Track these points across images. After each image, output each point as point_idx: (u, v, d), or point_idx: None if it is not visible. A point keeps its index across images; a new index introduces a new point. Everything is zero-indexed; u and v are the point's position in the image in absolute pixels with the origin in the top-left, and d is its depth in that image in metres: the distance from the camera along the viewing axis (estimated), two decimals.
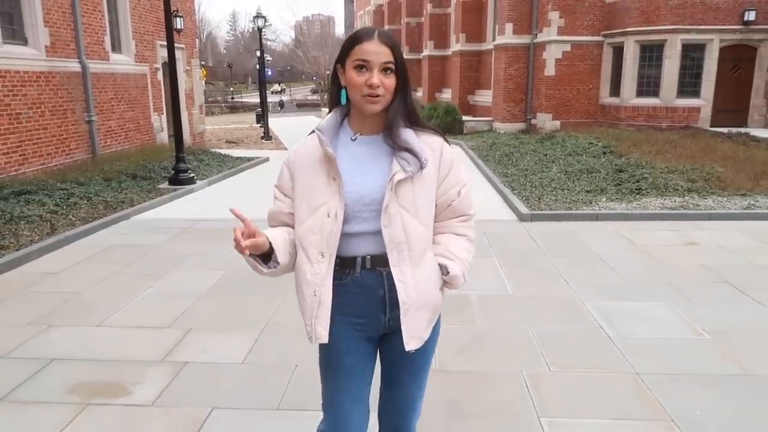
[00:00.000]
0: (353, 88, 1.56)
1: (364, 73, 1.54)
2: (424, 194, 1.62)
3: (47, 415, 2.88)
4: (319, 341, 1.63)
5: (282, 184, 1.70)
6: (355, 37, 1.57)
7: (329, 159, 1.58)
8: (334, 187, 1.58)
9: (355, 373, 1.72)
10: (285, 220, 1.70)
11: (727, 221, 6.77)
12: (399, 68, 1.58)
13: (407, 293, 1.61)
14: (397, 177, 1.55)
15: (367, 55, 1.53)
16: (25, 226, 6.43)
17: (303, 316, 1.68)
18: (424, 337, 1.67)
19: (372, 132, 1.64)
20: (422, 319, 1.65)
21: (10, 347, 3.65)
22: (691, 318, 4.05)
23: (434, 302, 1.68)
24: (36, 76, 9.57)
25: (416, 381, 1.80)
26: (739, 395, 3.05)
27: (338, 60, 1.61)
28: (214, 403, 2.98)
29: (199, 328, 3.93)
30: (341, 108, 1.66)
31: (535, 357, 3.49)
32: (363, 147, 1.63)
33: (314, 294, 1.62)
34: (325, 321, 1.62)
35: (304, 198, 1.62)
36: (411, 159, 1.57)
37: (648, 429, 2.75)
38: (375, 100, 1.55)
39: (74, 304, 4.40)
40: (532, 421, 2.82)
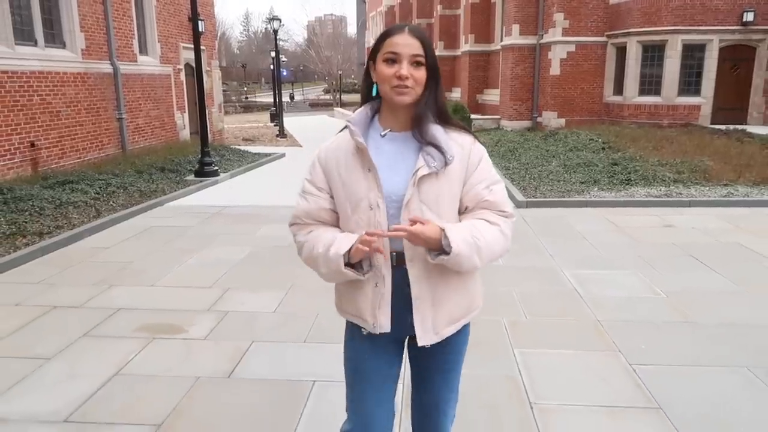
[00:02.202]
0: (383, 81, 1.57)
1: (393, 65, 1.55)
2: (449, 192, 1.60)
3: (124, 344, 3.65)
4: (383, 330, 1.62)
5: (315, 180, 1.67)
6: (386, 32, 1.59)
7: (361, 151, 1.58)
8: (370, 178, 1.57)
9: (381, 375, 1.73)
10: (325, 217, 1.66)
11: (705, 207, 7.44)
12: (429, 62, 1.57)
13: (420, 289, 1.61)
14: (420, 172, 1.55)
15: (396, 47, 1.54)
16: (73, 210, 7.25)
17: (357, 310, 1.67)
18: (442, 333, 1.65)
19: (401, 128, 1.63)
20: (439, 316, 1.63)
21: (82, 300, 4.44)
22: (653, 282, 4.75)
23: (455, 300, 1.66)
24: (73, 77, 10.41)
25: (446, 382, 1.78)
26: (678, 335, 3.75)
27: (370, 57, 1.63)
28: (254, 338, 3.73)
29: (236, 288, 4.69)
30: (372, 103, 1.66)
31: (515, 309, 4.21)
32: (392, 143, 1.62)
33: (375, 286, 1.61)
34: (387, 311, 1.61)
35: (345, 194, 1.61)
36: (436, 155, 1.56)
37: (600, 357, 3.46)
38: (404, 91, 1.54)
39: (128, 271, 5.18)
40: (507, 350, 3.54)
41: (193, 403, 2.97)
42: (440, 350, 1.70)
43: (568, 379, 3.20)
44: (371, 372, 1.72)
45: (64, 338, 3.74)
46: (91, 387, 3.13)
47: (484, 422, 2.78)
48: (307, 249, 1.64)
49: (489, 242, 1.56)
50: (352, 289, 1.65)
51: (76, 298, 4.48)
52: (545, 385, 3.13)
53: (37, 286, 4.77)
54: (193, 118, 16.01)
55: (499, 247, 1.60)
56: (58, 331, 3.85)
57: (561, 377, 3.22)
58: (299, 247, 1.68)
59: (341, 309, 1.75)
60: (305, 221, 1.67)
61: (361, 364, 1.73)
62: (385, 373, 1.74)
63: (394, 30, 1.57)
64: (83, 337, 3.77)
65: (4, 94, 8.66)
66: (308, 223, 1.66)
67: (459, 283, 1.65)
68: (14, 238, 5.96)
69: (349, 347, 1.77)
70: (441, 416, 1.81)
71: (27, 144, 9.16)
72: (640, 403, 2.94)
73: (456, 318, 1.66)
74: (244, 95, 58.28)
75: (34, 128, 9.34)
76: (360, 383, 1.74)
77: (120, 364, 3.39)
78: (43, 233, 6.19)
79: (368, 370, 1.72)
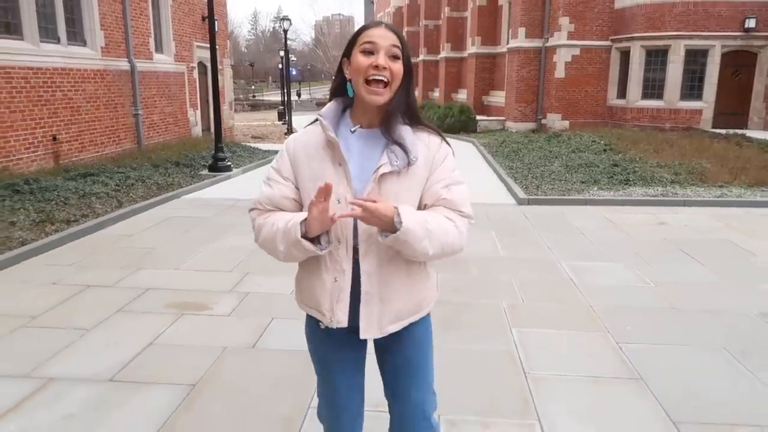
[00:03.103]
0: (358, 73, 1.55)
1: (370, 56, 1.54)
2: (409, 190, 1.60)
3: (155, 319, 4.01)
4: (340, 325, 1.64)
5: (281, 168, 1.67)
6: (363, 27, 1.60)
7: (332, 144, 1.59)
8: (340, 173, 1.58)
9: (347, 364, 1.78)
10: (286, 204, 1.66)
11: (699, 207, 7.75)
12: (404, 59, 1.57)
13: (371, 284, 1.61)
14: (382, 170, 1.55)
15: (373, 38, 1.54)
16: (96, 200, 7.62)
17: (316, 303, 1.67)
18: (386, 330, 1.65)
19: (371, 125, 1.63)
20: (385, 313, 1.64)
21: (113, 281, 4.80)
22: (643, 273, 5.08)
23: (403, 299, 1.66)
24: (93, 74, 10.81)
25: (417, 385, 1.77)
26: (663, 319, 4.08)
27: (344, 53, 1.62)
28: (273, 315, 4.08)
29: (254, 273, 5.05)
30: (343, 97, 1.66)
31: (513, 294, 4.55)
32: (360, 140, 1.63)
33: (335, 280, 1.62)
34: (345, 306, 1.62)
35: (313, 186, 1.55)
36: (401, 154, 1.56)
37: (589, 336, 3.80)
38: (379, 91, 1.54)
39: (152, 256, 5.55)
40: (505, 330, 3.88)
41: (222, 369, 3.33)
42: (402, 347, 1.73)
43: (560, 354, 3.54)
44: (337, 362, 1.77)
45: (101, 313, 4.10)
46: (130, 354, 3.49)
47: (483, 388, 3.12)
48: (266, 229, 1.62)
49: (440, 229, 1.55)
50: (311, 280, 1.67)
51: (107, 279, 4.84)
52: (538, 358, 3.47)
53: (69, 268, 5.13)
54: (205, 115, 16.42)
55: (452, 237, 1.58)
56: (95, 307, 4.22)
57: (553, 352, 3.56)
58: (257, 231, 1.66)
59: (300, 302, 1.77)
60: (266, 207, 1.67)
61: (326, 355, 1.77)
62: (350, 362, 1.78)
63: (371, 24, 1.59)
64: (118, 312, 4.13)
65: (29, 89, 9.05)
66: (268, 209, 1.66)
67: (409, 282, 1.66)
68: (43, 225, 6.33)
69: (310, 339, 1.80)
70: (424, 421, 1.79)
71: (49, 137, 9.55)
72: (623, 375, 3.28)
73: (402, 316, 1.67)
74: (251, 94, 58.77)
75: (56, 122, 9.73)
76: (328, 372, 1.79)
77: (153, 335, 3.75)
78: (70, 221, 6.56)
79: (334, 360, 1.77)
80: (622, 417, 2.86)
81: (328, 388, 1.81)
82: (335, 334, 1.69)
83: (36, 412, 2.86)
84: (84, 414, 2.85)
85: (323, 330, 1.69)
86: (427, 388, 1.80)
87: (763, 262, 5.43)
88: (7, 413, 2.84)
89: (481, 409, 2.90)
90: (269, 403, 2.96)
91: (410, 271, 1.66)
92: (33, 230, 6.13)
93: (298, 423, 2.78)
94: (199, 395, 3.03)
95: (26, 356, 3.43)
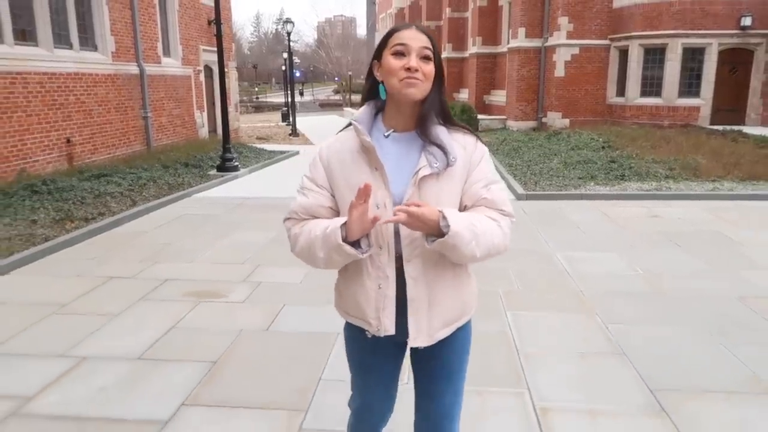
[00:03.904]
0: (391, 74, 1.54)
1: (402, 58, 1.53)
2: (450, 192, 1.58)
3: (175, 306, 4.32)
4: (387, 333, 1.62)
5: (316, 177, 1.66)
6: (394, 28, 1.59)
7: (368, 150, 1.57)
8: (377, 177, 1.56)
9: (384, 371, 1.79)
10: (322, 213, 1.64)
11: (692, 200, 8.02)
12: (436, 60, 1.57)
13: (417, 290, 1.60)
14: (422, 172, 1.54)
15: (405, 39, 1.53)
16: (111, 199, 7.95)
17: (360, 312, 1.66)
18: (435, 336, 1.64)
19: (405, 128, 1.62)
20: (434, 319, 1.63)
21: (133, 273, 5.12)
22: (633, 262, 5.37)
23: (449, 304, 1.65)
24: (104, 78, 11.14)
25: (452, 387, 1.76)
26: (649, 302, 4.37)
27: (375, 56, 1.62)
28: (285, 302, 4.38)
29: (265, 265, 5.35)
30: (375, 101, 1.66)
31: (509, 282, 4.84)
32: (396, 144, 1.61)
33: (379, 287, 1.60)
34: (391, 313, 1.61)
35: (350, 193, 1.53)
36: (439, 155, 1.55)
37: (578, 317, 4.09)
38: (414, 83, 1.52)
39: (168, 250, 5.86)
40: (500, 313, 4.18)
41: (239, 348, 3.63)
42: (442, 355, 1.71)
43: (550, 333, 3.83)
44: (374, 368, 1.78)
45: (125, 301, 4.42)
46: (155, 335, 3.80)
47: (479, 363, 3.40)
48: (304, 236, 1.61)
49: (486, 231, 1.54)
50: (354, 288, 1.65)
51: (128, 271, 5.16)
52: (530, 337, 3.76)
53: (91, 262, 5.45)
54: (211, 117, 16.76)
55: (497, 239, 1.57)
56: (118, 296, 4.53)
57: (544, 332, 3.85)
58: (294, 240, 1.65)
59: (342, 310, 1.76)
60: (302, 216, 1.65)
61: (365, 360, 1.78)
62: (388, 368, 1.80)
63: (401, 26, 1.58)
64: (141, 300, 4.45)
65: (44, 93, 9.39)
66: (304, 218, 1.65)
67: (455, 285, 1.66)
68: (63, 223, 6.65)
69: (350, 344, 1.81)
70: (450, 422, 1.79)
71: (63, 140, 9.89)
72: (608, 351, 3.57)
73: (450, 321, 1.67)
74: (255, 95, 59.19)
75: (70, 125, 10.07)
76: (365, 376, 1.81)
77: (175, 320, 4.06)
78: (88, 219, 6.89)
79: (372, 366, 1.78)
80: (603, 386, 3.15)
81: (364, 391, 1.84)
82: (379, 342, 1.68)
83: (73, 386, 3.17)
84: (117, 387, 3.16)
85: (368, 338, 1.68)
86: (459, 392, 1.79)
87: (748, 251, 5.70)
88: (48, 386, 3.15)
89: (476, 381, 3.18)
90: (284, 376, 3.26)
91: (455, 273, 1.66)
92: (54, 228, 6.45)
93: (311, 393, 3.08)
94: (220, 370, 3.34)
95: (60, 338, 3.75)
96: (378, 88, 1.61)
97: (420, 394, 1.80)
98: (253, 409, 2.92)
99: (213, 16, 16.16)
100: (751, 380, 3.20)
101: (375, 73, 1.62)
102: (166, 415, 2.86)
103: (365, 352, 1.75)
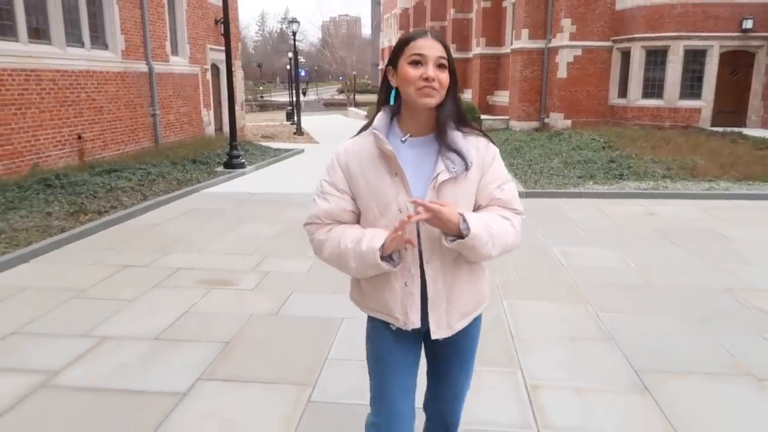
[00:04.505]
0: (408, 83, 1.59)
1: (419, 67, 1.57)
2: (466, 194, 1.65)
3: (188, 293, 4.55)
4: (414, 327, 1.70)
5: (335, 181, 1.70)
6: (409, 37, 1.62)
7: (388, 156, 1.62)
8: (398, 183, 1.61)
9: (404, 366, 1.82)
10: (346, 217, 1.70)
11: (687, 199, 8.22)
12: (450, 67, 1.62)
13: (436, 287, 1.68)
14: (441, 177, 1.60)
15: (422, 49, 1.57)
16: (122, 194, 8.19)
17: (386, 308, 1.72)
18: (454, 327, 1.74)
19: (421, 133, 1.67)
20: (453, 312, 1.72)
21: (147, 262, 5.35)
22: (627, 257, 5.58)
23: (466, 297, 1.74)
24: (114, 76, 11.40)
25: (464, 371, 1.89)
26: (639, 293, 4.58)
27: (390, 62, 1.66)
28: (293, 289, 4.61)
29: (273, 256, 5.58)
30: (390, 107, 1.69)
31: (507, 272, 5.06)
32: (412, 149, 1.66)
33: (405, 285, 1.68)
34: (417, 309, 1.69)
35: (372, 198, 1.64)
36: (457, 160, 1.60)
37: (571, 306, 4.30)
38: (431, 93, 1.57)
39: (180, 241, 6.09)
40: (497, 301, 4.40)
41: (250, 330, 3.86)
42: (458, 341, 1.80)
43: (543, 320, 4.05)
44: (395, 364, 1.81)
45: (140, 287, 4.65)
46: (170, 319, 4.03)
47: None
48: (330, 246, 1.67)
49: (501, 232, 1.63)
50: (380, 287, 1.71)
51: (142, 261, 5.39)
52: (525, 324, 3.98)
53: (106, 252, 5.69)
54: (217, 115, 17.01)
55: (510, 238, 1.66)
56: (134, 283, 4.76)
57: (538, 319, 4.06)
58: (319, 246, 1.71)
59: (365, 306, 1.81)
60: (324, 221, 1.70)
61: (386, 357, 1.81)
62: (408, 364, 1.83)
63: (417, 34, 1.61)
64: (155, 287, 4.68)
65: (57, 91, 9.64)
66: (327, 223, 1.70)
67: (471, 280, 1.75)
68: (77, 216, 6.89)
69: (372, 340, 1.85)
70: (459, 402, 1.95)
71: (75, 136, 10.14)
72: (597, 336, 3.79)
73: (467, 312, 1.76)
74: (259, 94, 59.46)
75: (81, 122, 10.32)
76: (385, 374, 1.82)
77: (188, 305, 4.29)
78: (101, 212, 7.13)
79: (393, 362, 1.81)
80: (590, 367, 3.36)
81: (383, 391, 1.83)
82: (401, 335, 1.77)
83: (96, 362, 3.40)
84: (137, 363, 3.39)
85: (393, 331, 1.76)
86: (470, 375, 1.93)
87: (739, 247, 5.90)
88: (73, 362, 3.38)
89: None
90: (292, 356, 3.49)
91: (470, 269, 1.74)
92: (68, 220, 6.69)
93: (317, 371, 3.30)
94: (233, 350, 3.56)
95: (81, 321, 3.98)
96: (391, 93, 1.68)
97: (433, 376, 1.93)
98: (265, 384, 3.15)
99: (220, 16, 16.48)
100: (731, 364, 3.41)
101: (390, 80, 1.67)
102: (184, 388, 3.09)
103: (387, 344, 1.80)
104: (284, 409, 2.89)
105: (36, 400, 3.00)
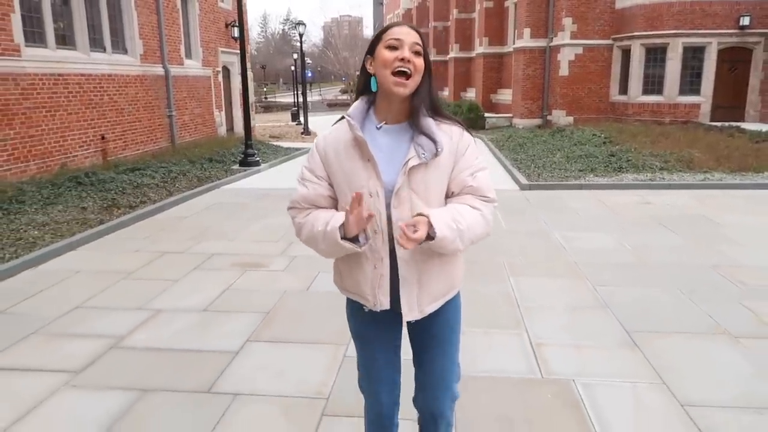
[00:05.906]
0: (384, 66, 1.65)
1: (395, 51, 1.65)
2: (437, 180, 1.71)
3: (225, 274, 5.05)
4: (383, 308, 1.78)
5: (314, 168, 1.77)
6: (386, 27, 1.71)
7: (360, 142, 1.68)
8: (369, 168, 1.68)
9: (384, 341, 1.93)
10: (323, 203, 1.77)
11: (683, 189, 8.68)
12: (425, 55, 1.69)
13: (408, 270, 1.74)
14: (411, 163, 1.65)
15: (398, 35, 1.66)
16: (148, 190, 8.70)
17: (358, 289, 1.80)
18: (425, 311, 1.80)
19: (396, 121, 1.74)
20: (423, 295, 1.78)
21: (183, 249, 5.85)
22: (623, 240, 6.05)
23: (436, 282, 1.79)
24: (134, 79, 11.91)
25: (444, 353, 1.91)
26: (633, 271, 5.05)
27: (368, 51, 1.72)
28: (320, 270, 5.09)
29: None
30: (368, 96, 1.77)
31: (513, 255, 5.54)
32: (387, 136, 1.73)
33: (375, 268, 1.74)
34: (386, 291, 1.76)
35: (345, 183, 1.71)
36: (427, 145, 1.66)
37: (571, 281, 4.78)
38: (404, 82, 1.64)
39: (211, 231, 6.60)
40: (505, 278, 4.87)
41: (285, 303, 4.35)
42: (432, 325, 1.87)
43: (546, 293, 4.52)
44: (376, 339, 1.92)
45: (181, 270, 5.15)
46: (213, 295, 4.53)
47: (487, 313, 4.11)
48: (306, 228, 1.76)
49: (470, 225, 1.68)
50: (352, 269, 1.80)
51: (179, 248, 5.89)
52: (530, 296, 4.46)
53: (144, 241, 6.19)
54: (228, 116, 17.53)
55: (480, 230, 1.73)
56: (175, 266, 5.26)
57: (541, 292, 4.54)
58: (298, 228, 1.80)
59: (342, 287, 1.91)
60: (303, 206, 1.79)
61: (365, 332, 1.93)
62: (387, 339, 1.93)
63: (394, 24, 1.71)
64: (194, 270, 5.18)
65: (82, 94, 10.16)
66: (306, 208, 1.78)
67: (441, 267, 1.80)
68: (111, 210, 7.40)
69: (352, 320, 1.96)
70: (445, 392, 1.93)
71: (99, 137, 10.66)
72: (595, 305, 4.26)
73: (438, 296, 1.82)
74: (263, 96, 59.96)
75: (104, 123, 10.84)
76: (368, 350, 1.94)
77: (227, 284, 4.78)
78: (132, 206, 7.64)
79: (373, 338, 1.92)
80: (588, 329, 3.84)
81: (368, 363, 1.96)
82: (376, 315, 1.84)
83: (156, 328, 3.90)
84: (191, 329, 3.88)
85: (366, 312, 1.85)
86: (452, 360, 1.93)
87: (728, 231, 6.36)
88: (135, 329, 3.88)
89: (484, 325, 3.90)
90: (325, 322, 3.97)
91: (442, 255, 1.77)
92: (103, 213, 7.20)
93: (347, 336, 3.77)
94: (273, 318, 4.05)
95: (134, 297, 4.48)
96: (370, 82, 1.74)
97: (416, 365, 1.98)
98: (305, 344, 3.64)
99: (230, 20, 17.05)
100: (711, 326, 3.88)
101: (368, 67, 1.74)
102: (236, 348, 3.58)
103: (364, 325, 1.91)
104: (325, 362, 3.39)
105: (109, 357, 3.49)
